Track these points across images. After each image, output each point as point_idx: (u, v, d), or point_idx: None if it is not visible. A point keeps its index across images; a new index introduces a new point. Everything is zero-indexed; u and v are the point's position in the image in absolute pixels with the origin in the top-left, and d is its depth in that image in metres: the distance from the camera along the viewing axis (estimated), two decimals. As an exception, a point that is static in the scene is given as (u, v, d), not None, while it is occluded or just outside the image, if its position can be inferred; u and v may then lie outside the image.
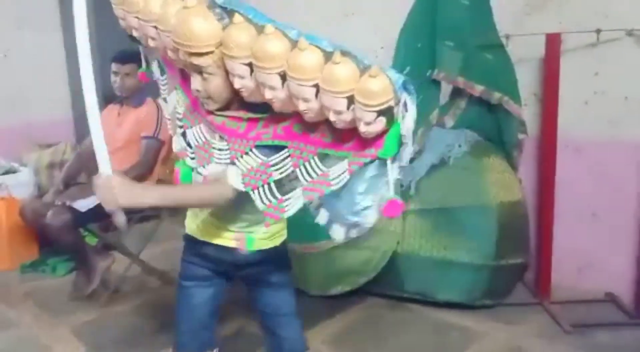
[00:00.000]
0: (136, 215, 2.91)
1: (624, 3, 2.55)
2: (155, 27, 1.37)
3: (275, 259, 1.56)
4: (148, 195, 1.32)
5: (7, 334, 2.59)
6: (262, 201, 1.30)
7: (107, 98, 3.09)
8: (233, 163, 1.33)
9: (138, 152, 2.87)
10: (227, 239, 1.49)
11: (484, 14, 2.71)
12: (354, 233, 1.36)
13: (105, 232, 3.07)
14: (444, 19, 2.70)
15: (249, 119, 1.34)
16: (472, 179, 2.63)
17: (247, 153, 1.32)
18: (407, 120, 1.14)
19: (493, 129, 2.81)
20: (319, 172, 1.26)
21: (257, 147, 1.31)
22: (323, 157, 1.26)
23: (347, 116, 1.15)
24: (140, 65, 3.09)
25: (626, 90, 2.61)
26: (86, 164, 3.19)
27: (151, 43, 1.42)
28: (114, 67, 2.89)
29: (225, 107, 1.38)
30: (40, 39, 4.27)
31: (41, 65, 4.29)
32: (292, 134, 1.29)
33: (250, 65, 1.22)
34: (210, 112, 1.39)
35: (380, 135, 1.16)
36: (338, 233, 1.37)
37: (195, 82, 1.32)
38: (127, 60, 2.86)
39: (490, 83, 2.69)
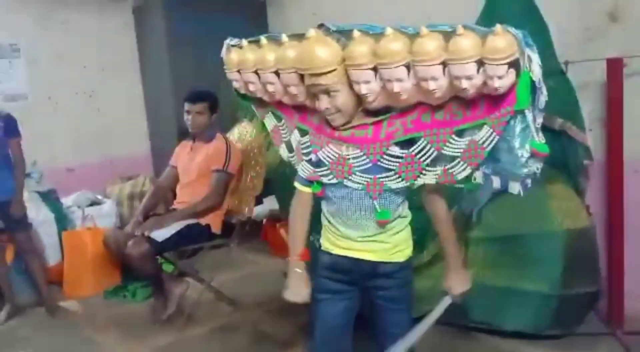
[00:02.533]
0: (208, 244, 3.09)
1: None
2: (275, 72, 1.54)
3: (399, 276, 1.65)
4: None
5: (94, 356, 2.79)
6: (431, 179, 1.46)
7: (181, 134, 3.30)
8: (376, 165, 1.48)
9: (209, 185, 3.05)
10: (356, 250, 1.62)
11: (543, 41, 2.71)
12: (529, 183, 1.43)
13: (180, 259, 3.25)
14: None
15: (374, 123, 1.49)
16: (536, 207, 2.59)
17: (385, 153, 1.46)
18: (535, 68, 1.23)
19: (557, 155, 2.76)
20: (467, 142, 1.37)
21: (392, 144, 1.45)
22: (461, 133, 1.38)
23: (478, 80, 1.26)
24: (210, 104, 3.30)
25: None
26: (163, 197, 3.41)
27: (270, 88, 1.58)
28: (186, 106, 3.10)
29: (349, 121, 1.52)
30: (121, 81, 4.65)
31: (122, 104, 4.67)
32: (422, 125, 1.42)
33: (374, 69, 1.37)
34: (336, 129, 1.53)
35: (509, 92, 1.27)
36: (515, 188, 1.43)
37: (324, 102, 1.47)
38: (198, 99, 3.08)
39: (552, 109, 2.66)
